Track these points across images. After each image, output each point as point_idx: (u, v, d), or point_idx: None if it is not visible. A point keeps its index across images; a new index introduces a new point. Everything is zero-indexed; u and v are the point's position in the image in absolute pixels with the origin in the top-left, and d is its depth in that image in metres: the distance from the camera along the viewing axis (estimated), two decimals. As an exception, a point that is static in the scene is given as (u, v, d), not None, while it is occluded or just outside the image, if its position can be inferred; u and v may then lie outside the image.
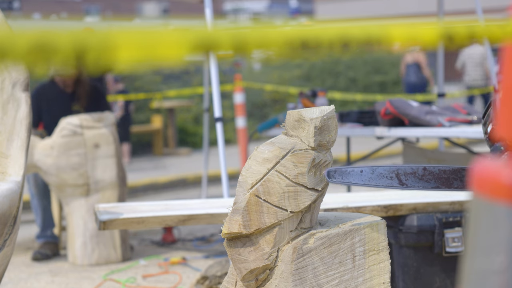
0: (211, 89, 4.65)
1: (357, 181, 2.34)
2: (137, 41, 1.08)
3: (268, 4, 41.98)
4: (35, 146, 5.07)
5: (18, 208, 2.98)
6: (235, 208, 2.30)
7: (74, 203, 5.10)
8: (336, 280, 2.31)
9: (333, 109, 2.35)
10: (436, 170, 2.37)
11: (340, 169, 2.31)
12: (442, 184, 2.37)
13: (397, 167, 2.37)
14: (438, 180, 2.37)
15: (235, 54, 1.19)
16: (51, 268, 5.05)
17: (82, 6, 32.81)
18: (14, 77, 3.14)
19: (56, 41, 1.01)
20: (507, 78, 1.15)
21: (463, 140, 9.25)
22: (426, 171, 2.37)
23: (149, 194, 8.42)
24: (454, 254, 3.53)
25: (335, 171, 2.30)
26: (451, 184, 2.37)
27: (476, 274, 1.08)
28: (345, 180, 2.32)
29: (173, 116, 11.33)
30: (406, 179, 2.36)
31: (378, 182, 2.35)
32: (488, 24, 1.48)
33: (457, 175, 2.37)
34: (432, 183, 2.37)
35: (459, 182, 2.37)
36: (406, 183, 2.36)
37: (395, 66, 15.10)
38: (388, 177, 2.35)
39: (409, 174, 2.37)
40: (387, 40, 1.32)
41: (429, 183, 2.37)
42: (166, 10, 33.10)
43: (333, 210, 3.38)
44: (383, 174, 2.35)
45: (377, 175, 2.35)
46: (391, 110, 4.68)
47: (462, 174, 2.36)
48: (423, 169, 2.37)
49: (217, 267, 4.21)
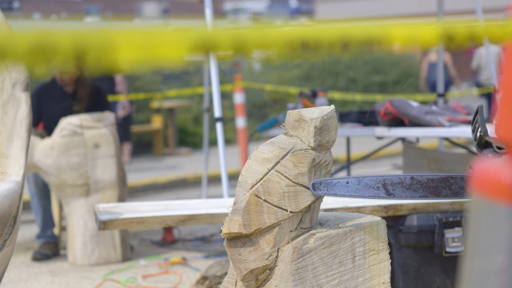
0: (211, 89, 4.65)
1: (343, 193, 2.30)
2: (137, 41, 1.08)
3: (268, 4, 41.98)
4: (35, 146, 5.07)
5: (18, 208, 2.98)
6: (235, 208, 2.30)
7: (74, 203, 5.10)
8: (336, 280, 2.31)
9: (333, 109, 2.35)
10: (424, 179, 2.34)
11: (326, 180, 2.28)
12: (430, 193, 2.34)
13: (383, 177, 2.34)
14: (426, 189, 2.34)
15: (235, 54, 1.19)
16: (51, 268, 5.05)
17: (82, 6, 32.80)
18: (14, 77, 3.14)
19: (56, 41, 1.01)
20: (507, 78, 1.15)
21: (463, 140, 9.25)
22: (413, 180, 2.34)
23: (149, 194, 8.42)
24: (454, 254, 3.53)
25: (320, 183, 2.27)
26: (439, 193, 2.34)
27: (476, 274, 1.08)
28: (331, 191, 2.28)
29: (173, 116, 11.32)
30: (393, 189, 2.33)
31: (364, 193, 2.32)
32: (488, 24, 1.48)
33: (445, 183, 2.34)
34: (420, 192, 2.34)
35: (447, 191, 2.34)
36: (393, 193, 2.33)
37: (395, 66, 15.10)
38: (375, 187, 2.32)
39: (396, 184, 2.33)
40: (387, 40, 1.32)
41: (417, 192, 2.34)
42: (166, 10, 33.10)
43: (333, 210, 3.38)
44: (369, 184, 2.32)
45: (364, 186, 2.31)
46: (391, 110, 4.68)
47: (450, 183, 2.34)
48: (411, 178, 2.33)
49: (217, 267, 4.21)
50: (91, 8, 32.86)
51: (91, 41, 1.04)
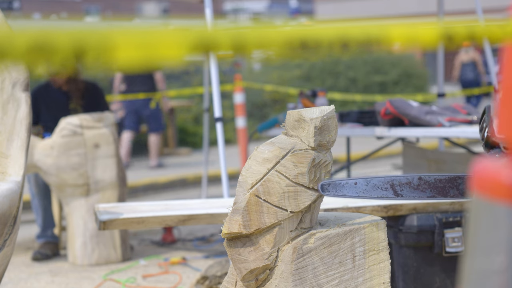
0: (211, 89, 4.64)
1: (352, 194, 2.32)
2: (137, 41, 1.08)
3: (268, 4, 41.98)
4: (35, 146, 5.07)
5: (18, 208, 2.98)
6: (235, 208, 2.30)
7: (74, 203, 5.10)
8: (336, 280, 2.31)
9: (333, 109, 2.35)
10: (431, 179, 2.35)
11: (334, 182, 2.29)
12: (438, 193, 2.35)
13: (391, 178, 2.35)
14: (434, 189, 2.35)
15: (235, 54, 1.19)
16: (51, 268, 5.05)
17: (82, 6, 32.80)
18: (14, 77, 3.14)
19: (55, 40, 1.01)
20: (507, 78, 1.15)
21: (463, 140, 9.25)
22: (421, 181, 2.35)
23: (149, 194, 8.42)
24: (454, 254, 3.53)
25: (329, 184, 2.28)
26: (447, 193, 2.35)
27: (476, 274, 1.08)
28: (339, 193, 2.30)
29: (173, 116, 11.32)
30: (401, 190, 2.34)
31: (372, 193, 2.33)
32: (488, 24, 1.48)
33: (453, 183, 2.35)
34: (427, 193, 2.35)
35: (455, 191, 2.35)
36: (401, 193, 2.34)
37: (395, 66, 15.09)
38: (383, 188, 2.33)
39: (404, 184, 2.34)
40: (387, 40, 1.32)
41: (425, 193, 2.35)
42: (166, 10, 33.10)
43: (333, 210, 3.38)
44: (377, 185, 2.33)
45: (372, 187, 2.33)
46: (391, 110, 4.68)
47: (458, 183, 2.35)
48: (419, 178, 2.35)
49: (217, 267, 4.21)
50: (91, 8, 32.86)
51: (91, 40, 1.04)
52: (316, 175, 2.30)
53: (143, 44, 1.09)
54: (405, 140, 5.74)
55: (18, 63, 1.00)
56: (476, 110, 4.85)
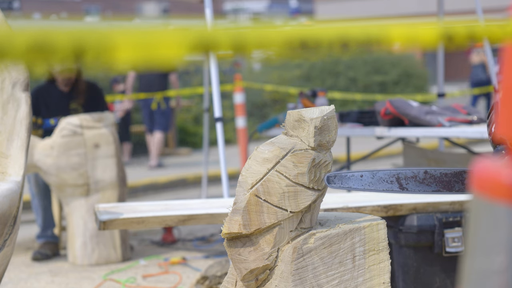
0: (211, 89, 4.64)
1: (357, 186, 2.32)
2: (137, 41, 1.08)
3: (268, 4, 41.97)
4: (35, 146, 5.07)
5: (18, 208, 2.98)
6: (235, 208, 2.30)
7: (74, 203, 5.10)
8: (336, 280, 2.31)
9: (333, 109, 2.35)
10: (437, 173, 2.35)
11: (340, 174, 2.30)
12: (443, 187, 2.35)
13: (397, 171, 2.35)
14: (439, 183, 2.35)
15: (235, 54, 1.19)
16: (51, 268, 5.05)
17: (82, 6, 32.80)
18: (14, 77, 3.14)
19: (55, 40, 1.01)
20: (507, 78, 1.14)
21: (463, 140, 9.25)
22: (427, 175, 2.35)
23: (149, 194, 8.42)
24: (454, 254, 3.53)
25: (334, 176, 2.29)
26: (452, 187, 2.35)
27: (476, 274, 1.08)
28: (345, 185, 2.31)
29: (173, 116, 11.32)
30: (406, 183, 2.35)
31: (378, 186, 2.34)
32: (488, 24, 1.48)
33: (458, 178, 2.35)
34: (433, 187, 2.35)
35: (460, 185, 2.35)
36: (406, 187, 2.35)
37: (395, 66, 15.09)
38: (389, 181, 2.34)
39: (410, 178, 2.35)
40: (387, 40, 1.32)
41: (430, 187, 2.35)
42: (166, 10, 33.10)
43: (333, 210, 3.38)
44: (383, 178, 2.34)
45: (377, 180, 2.33)
46: (391, 110, 4.68)
47: (463, 177, 2.35)
48: (424, 172, 2.35)
49: (217, 267, 4.21)
50: (91, 8, 32.86)
51: (90, 40, 1.03)
52: (316, 175, 2.30)
53: (143, 44, 1.09)
54: (405, 140, 5.74)
55: (18, 63, 1.00)
56: (476, 110, 4.86)
